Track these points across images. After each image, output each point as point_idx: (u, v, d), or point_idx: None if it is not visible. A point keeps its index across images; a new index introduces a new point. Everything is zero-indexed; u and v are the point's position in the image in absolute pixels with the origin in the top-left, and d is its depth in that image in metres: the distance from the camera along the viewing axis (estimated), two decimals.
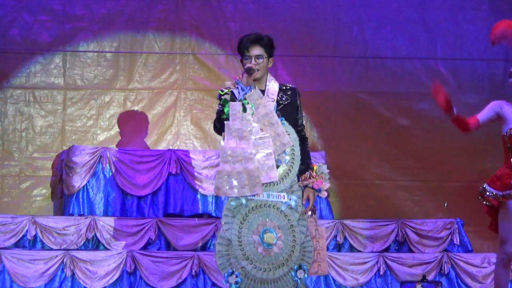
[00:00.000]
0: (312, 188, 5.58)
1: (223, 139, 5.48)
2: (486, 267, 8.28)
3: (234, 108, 5.43)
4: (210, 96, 9.93)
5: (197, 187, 8.74)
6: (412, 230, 8.61)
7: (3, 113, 9.79)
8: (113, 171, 8.76)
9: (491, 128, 9.97)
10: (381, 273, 8.21)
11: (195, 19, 10.15)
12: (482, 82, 10.29)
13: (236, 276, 5.46)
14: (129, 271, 7.92)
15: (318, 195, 5.63)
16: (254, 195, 5.50)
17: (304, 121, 5.78)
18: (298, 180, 5.59)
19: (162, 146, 9.81)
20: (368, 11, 10.31)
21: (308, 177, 5.59)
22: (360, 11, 10.30)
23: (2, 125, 9.79)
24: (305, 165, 5.62)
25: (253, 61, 5.57)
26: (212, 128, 5.76)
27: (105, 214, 8.68)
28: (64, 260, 7.88)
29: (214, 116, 5.61)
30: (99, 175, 8.78)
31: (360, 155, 10.09)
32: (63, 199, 9.08)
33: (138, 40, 10.08)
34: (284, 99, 5.65)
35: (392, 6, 10.33)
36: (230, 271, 5.47)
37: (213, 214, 8.71)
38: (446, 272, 8.28)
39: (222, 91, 5.57)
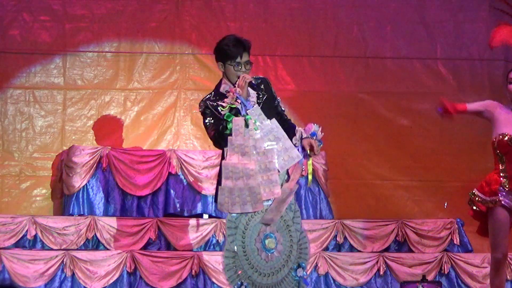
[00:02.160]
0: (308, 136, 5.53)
1: (226, 155, 5.42)
2: (486, 267, 8.27)
3: (237, 123, 5.40)
4: None
5: (197, 187, 8.74)
6: (412, 230, 8.60)
7: (3, 113, 9.78)
8: (113, 171, 8.76)
9: (491, 128, 9.98)
10: (381, 273, 8.21)
11: (195, 19, 10.14)
12: (482, 82, 10.28)
13: (245, 287, 5.45)
14: (129, 271, 7.92)
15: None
16: None
17: (282, 106, 5.76)
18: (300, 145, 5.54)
19: (162, 146, 9.80)
20: (368, 11, 10.30)
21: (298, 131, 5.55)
22: (360, 11, 10.29)
23: (2, 125, 9.78)
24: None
25: (243, 68, 5.58)
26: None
27: (105, 214, 8.68)
28: (64, 260, 7.88)
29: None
30: (99, 175, 8.78)
31: (360, 155, 10.08)
32: (63, 199, 9.07)
33: (138, 40, 10.07)
34: (260, 96, 5.64)
35: (392, 6, 10.31)
36: (239, 283, 5.46)
37: (213, 214, 8.70)
38: (446, 272, 8.28)
39: (223, 106, 5.49)
